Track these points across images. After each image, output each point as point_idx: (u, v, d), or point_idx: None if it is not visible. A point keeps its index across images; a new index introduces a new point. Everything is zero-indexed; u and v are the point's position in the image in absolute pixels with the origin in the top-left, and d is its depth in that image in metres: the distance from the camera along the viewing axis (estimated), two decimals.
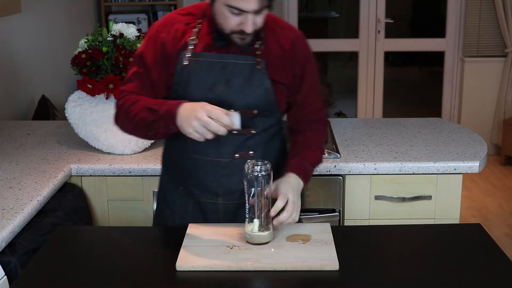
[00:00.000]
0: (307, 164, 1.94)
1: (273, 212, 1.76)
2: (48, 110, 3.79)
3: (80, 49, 2.55)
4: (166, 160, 2.09)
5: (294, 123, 2.04)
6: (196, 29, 1.88)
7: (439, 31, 5.63)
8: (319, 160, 2.00)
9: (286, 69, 1.91)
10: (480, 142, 2.62)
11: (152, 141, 2.60)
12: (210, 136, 1.70)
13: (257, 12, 1.74)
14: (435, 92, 5.90)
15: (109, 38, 2.54)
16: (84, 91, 2.53)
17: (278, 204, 1.77)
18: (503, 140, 5.31)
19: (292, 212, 1.79)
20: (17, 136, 2.83)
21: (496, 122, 5.46)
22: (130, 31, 2.55)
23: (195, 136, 1.70)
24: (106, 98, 2.53)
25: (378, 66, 5.68)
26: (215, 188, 1.96)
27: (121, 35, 2.54)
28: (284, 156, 2.01)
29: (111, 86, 2.49)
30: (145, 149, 2.60)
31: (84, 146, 2.63)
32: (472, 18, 5.37)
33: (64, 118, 2.99)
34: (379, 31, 5.61)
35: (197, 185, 1.98)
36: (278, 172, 1.88)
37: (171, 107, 1.75)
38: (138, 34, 2.58)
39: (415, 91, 7.21)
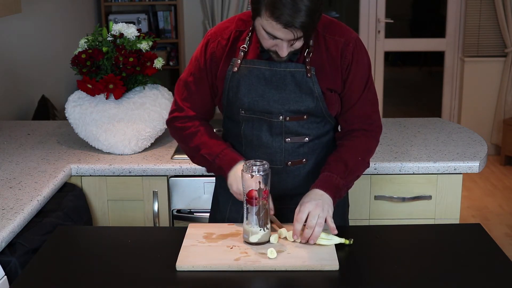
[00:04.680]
0: (335, 178, 1.84)
1: (295, 236, 1.75)
2: (48, 110, 3.79)
3: (80, 49, 2.55)
4: None
5: (339, 133, 1.98)
6: (248, 37, 1.88)
7: (439, 31, 5.63)
8: (350, 171, 1.87)
9: (336, 75, 1.86)
10: (480, 142, 2.62)
11: (153, 141, 2.60)
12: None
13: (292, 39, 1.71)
14: (435, 92, 5.90)
15: (109, 38, 2.55)
16: (84, 91, 2.53)
17: (296, 227, 1.74)
18: (503, 140, 5.31)
19: (312, 225, 1.73)
20: (17, 136, 2.83)
21: (496, 122, 5.46)
22: (130, 31, 2.55)
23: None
24: (106, 98, 2.53)
25: (378, 66, 5.68)
26: None
27: (121, 35, 2.54)
28: None
29: (111, 86, 2.49)
30: (145, 149, 2.60)
31: (84, 146, 2.63)
32: (472, 18, 5.37)
33: (64, 118, 2.99)
34: (379, 31, 5.61)
35: None
36: None
37: (228, 163, 1.91)
38: (138, 34, 2.58)
39: (415, 91, 7.21)
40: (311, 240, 1.74)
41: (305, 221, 1.75)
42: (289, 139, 1.90)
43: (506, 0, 5.19)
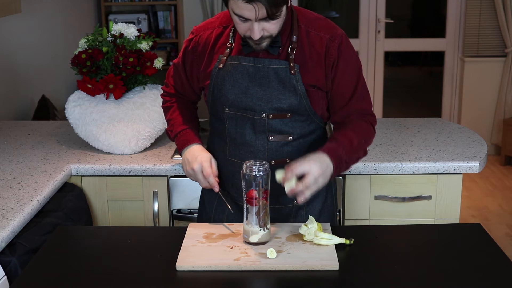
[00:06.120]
0: (341, 149, 1.81)
1: (287, 187, 1.70)
2: (48, 110, 3.80)
3: (80, 49, 2.55)
4: None
5: (334, 125, 1.97)
6: (231, 32, 1.89)
7: (439, 31, 5.63)
8: (354, 149, 1.84)
9: (319, 72, 1.86)
10: (480, 142, 2.62)
11: (153, 141, 2.60)
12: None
13: (262, 19, 1.71)
14: (435, 92, 5.90)
15: (109, 38, 2.55)
16: (84, 91, 2.53)
17: (288, 175, 1.69)
18: (503, 140, 5.31)
19: (309, 186, 1.69)
20: (17, 136, 2.83)
21: (496, 122, 5.47)
22: (130, 31, 2.55)
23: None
24: (106, 98, 2.53)
25: (378, 66, 5.68)
26: None
27: (121, 35, 2.54)
28: None
29: (111, 86, 2.49)
30: (145, 149, 2.60)
31: (84, 146, 2.63)
32: (472, 18, 5.37)
33: (64, 118, 2.99)
34: (379, 31, 5.61)
35: (234, 188, 1.99)
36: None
37: (181, 144, 1.99)
38: (138, 34, 2.58)
39: (415, 91, 7.21)
40: (299, 198, 1.70)
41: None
42: (272, 137, 1.90)
43: (506, 0, 5.19)
